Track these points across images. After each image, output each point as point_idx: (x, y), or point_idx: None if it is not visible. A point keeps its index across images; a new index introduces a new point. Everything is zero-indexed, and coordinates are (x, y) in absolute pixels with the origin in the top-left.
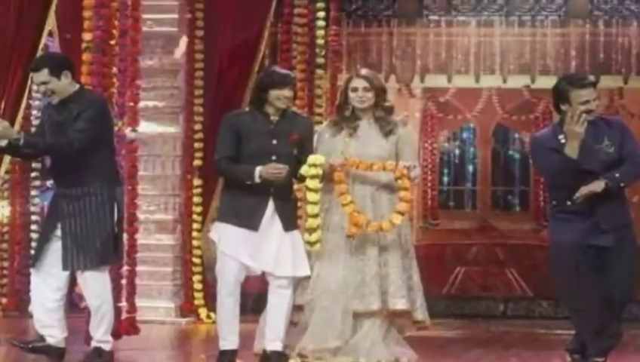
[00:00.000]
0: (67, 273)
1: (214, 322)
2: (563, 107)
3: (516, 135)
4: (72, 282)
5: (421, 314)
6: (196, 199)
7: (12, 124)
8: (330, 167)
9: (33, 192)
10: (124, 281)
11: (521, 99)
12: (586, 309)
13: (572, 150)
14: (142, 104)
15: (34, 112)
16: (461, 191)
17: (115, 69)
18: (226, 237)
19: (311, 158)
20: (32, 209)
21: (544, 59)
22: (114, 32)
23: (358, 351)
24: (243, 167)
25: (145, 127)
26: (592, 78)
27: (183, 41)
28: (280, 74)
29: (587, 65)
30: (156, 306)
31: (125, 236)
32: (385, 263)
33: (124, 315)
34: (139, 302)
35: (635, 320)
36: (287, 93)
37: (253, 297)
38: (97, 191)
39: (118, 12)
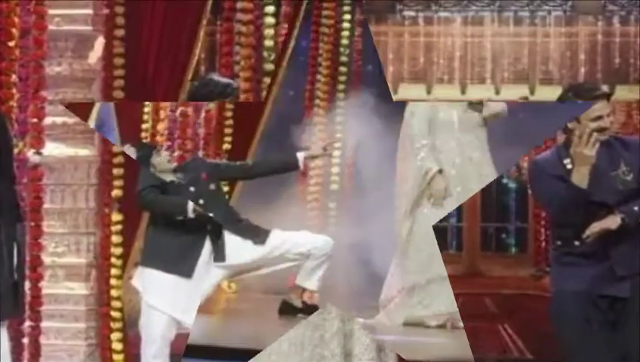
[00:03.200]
0: None
1: None
2: (569, 124)
3: None
4: None
5: None
6: (115, 238)
7: None
8: None
9: None
10: (25, 340)
11: None
12: None
13: (581, 177)
14: (48, 120)
15: None
16: (443, 229)
17: (14, 77)
18: (152, 285)
19: None
20: None
21: (546, 65)
22: (13, 31)
23: None
24: (173, 198)
25: (52, 149)
26: (605, 88)
27: (99, 42)
28: (219, 83)
29: (599, 73)
30: None
31: (27, 284)
32: (349, 318)
33: None
34: None
35: None
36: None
37: None
38: None
39: (19, 7)
